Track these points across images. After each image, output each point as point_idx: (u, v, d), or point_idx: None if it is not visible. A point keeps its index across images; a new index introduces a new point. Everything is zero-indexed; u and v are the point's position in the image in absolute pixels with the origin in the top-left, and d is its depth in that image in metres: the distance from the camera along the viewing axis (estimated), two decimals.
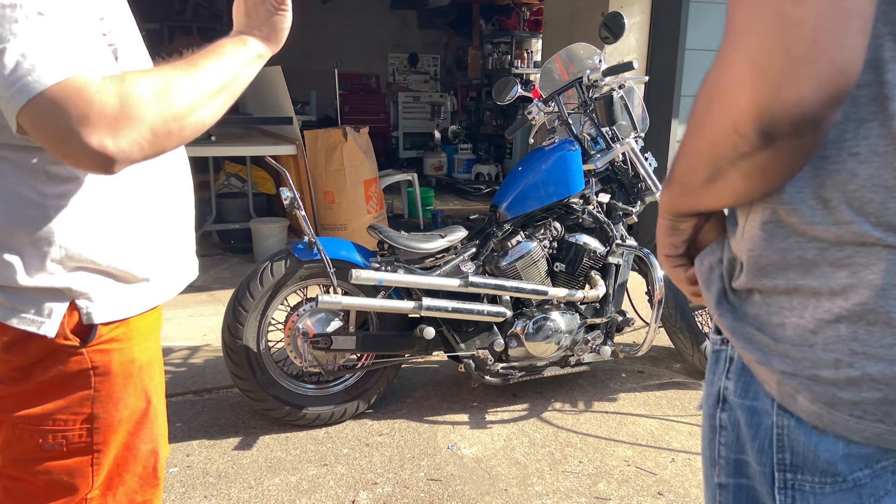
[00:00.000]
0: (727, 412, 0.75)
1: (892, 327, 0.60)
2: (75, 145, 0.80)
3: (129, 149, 0.83)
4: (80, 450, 1.06)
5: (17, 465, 1.07)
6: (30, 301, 0.96)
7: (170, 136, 0.87)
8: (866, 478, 0.66)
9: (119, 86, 0.83)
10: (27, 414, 1.03)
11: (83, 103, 0.80)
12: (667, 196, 0.75)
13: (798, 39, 0.51)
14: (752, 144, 0.57)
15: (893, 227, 0.59)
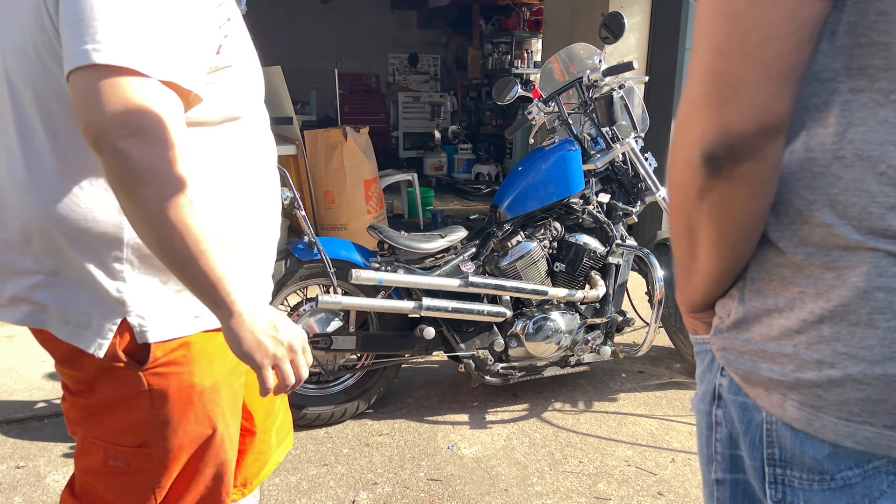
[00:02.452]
0: (722, 409, 0.76)
1: (874, 328, 0.61)
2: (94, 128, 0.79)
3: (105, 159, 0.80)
4: (143, 471, 1.01)
5: (87, 474, 1.04)
6: (82, 314, 0.92)
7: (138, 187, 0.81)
8: (857, 478, 0.67)
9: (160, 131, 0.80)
10: (93, 429, 1.00)
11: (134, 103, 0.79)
12: (679, 291, 0.81)
13: (722, 86, 0.60)
14: (703, 175, 0.64)
15: (875, 231, 0.60)
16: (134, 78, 0.79)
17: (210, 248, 0.84)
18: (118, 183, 0.81)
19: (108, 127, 0.78)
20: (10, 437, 2.42)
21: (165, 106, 0.81)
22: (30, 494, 2.08)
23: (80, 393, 0.99)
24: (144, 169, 0.79)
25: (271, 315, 0.92)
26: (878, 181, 0.60)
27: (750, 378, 0.70)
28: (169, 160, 0.81)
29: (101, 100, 0.78)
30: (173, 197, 0.82)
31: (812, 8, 0.58)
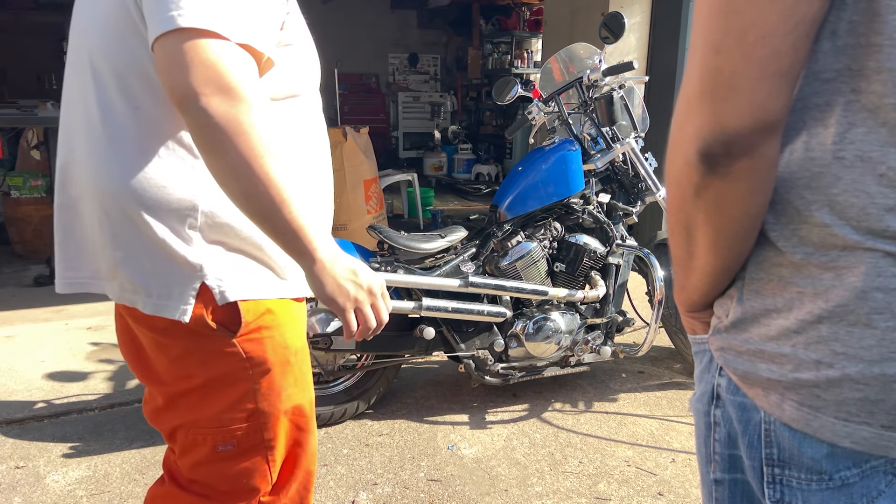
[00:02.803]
0: (721, 409, 0.76)
1: (872, 328, 0.61)
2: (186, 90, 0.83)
3: (192, 118, 0.85)
4: (253, 448, 1.03)
5: (198, 469, 1.05)
6: (163, 285, 0.95)
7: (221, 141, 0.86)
8: (854, 477, 0.67)
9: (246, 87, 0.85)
10: (196, 418, 1.02)
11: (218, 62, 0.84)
12: (677, 290, 0.81)
13: (718, 83, 0.60)
14: (700, 173, 0.64)
15: (873, 232, 0.60)
16: (215, 40, 0.84)
17: (292, 198, 0.89)
18: (205, 140, 0.85)
19: (194, 86, 0.83)
20: (9, 437, 2.42)
21: (245, 66, 0.87)
22: (29, 495, 2.08)
23: (176, 378, 1.00)
24: (230, 124, 0.84)
25: (350, 261, 0.97)
26: (877, 182, 0.60)
27: (748, 378, 0.70)
28: (251, 115, 0.85)
29: (187, 61, 0.83)
30: (257, 149, 0.86)
31: (810, 6, 0.58)
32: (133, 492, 2.10)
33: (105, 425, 2.51)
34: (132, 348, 1.08)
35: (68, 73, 1.02)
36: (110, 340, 3.31)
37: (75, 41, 1.00)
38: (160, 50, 0.84)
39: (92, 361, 3.07)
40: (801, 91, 0.64)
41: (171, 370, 1.00)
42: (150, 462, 2.27)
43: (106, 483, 2.14)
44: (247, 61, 0.87)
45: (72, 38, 1.02)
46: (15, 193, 4.48)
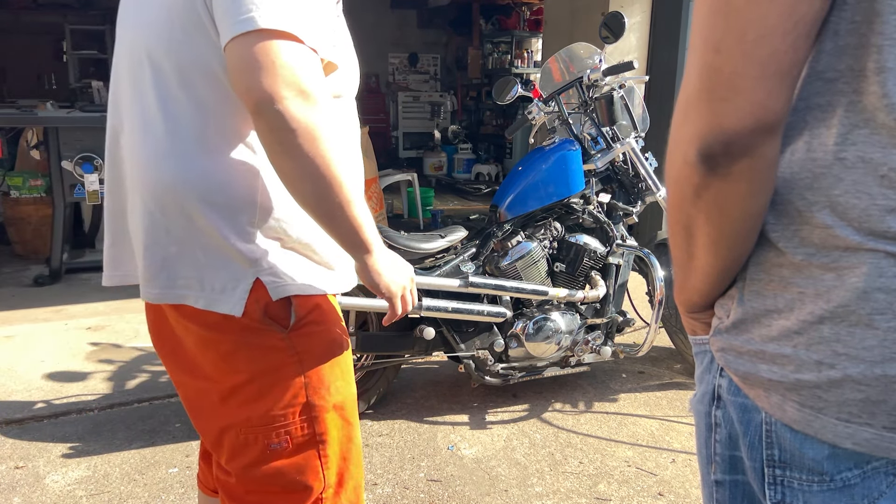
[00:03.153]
0: (721, 409, 0.76)
1: (873, 329, 0.61)
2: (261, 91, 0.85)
3: (268, 120, 0.86)
4: (305, 444, 1.03)
5: (248, 473, 1.04)
6: (216, 279, 0.96)
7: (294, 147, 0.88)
8: (856, 478, 0.67)
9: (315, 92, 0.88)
10: (247, 416, 1.01)
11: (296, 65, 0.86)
12: (677, 291, 0.81)
13: (718, 83, 0.60)
14: (700, 173, 0.63)
15: (875, 233, 0.60)
16: (293, 42, 0.86)
17: (354, 198, 0.94)
18: (280, 142, 0.87)
19: (273, 88, 0.84)
20: (9, 437, 2.41)
21: (317, 69, 0.89)
22: (29, 495, 2.08)
23: (223, 373, 1.01)
24: (307, 127, 0.86)
25: (392, 253, 1.06)
26: (878, 183, 0.60)
27: (749, 379, 0.70)
28: (324, 118, 0.88)
29: (266, 62, 0.84)
30: (329, 153, 0.89)
31: (810, 6, 0.58)
32: (133, 492, 2.10)
33: (105, 425, 2.51)
34: (173, 348, 1.08)
35: (120, 71, 1.03)
36: (110, 340, 3.31)
37: (130, 38, 1.00)
38: (236, 50, 0.85)
39: (91, 361, 3.06)
40: (803, 91, 0.64)
41: (220, 366, 1.01)
42: (150, 462, 2.26)
43: (106, 483, 2.14)
44: (318, 64, 0.90)
45: (124, 36, 1.02)
46: (14, 193, 4.48)
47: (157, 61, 0.94)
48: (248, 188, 0.96)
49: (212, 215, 0.94)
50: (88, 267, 4.51)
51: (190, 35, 0.91)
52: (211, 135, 0.95)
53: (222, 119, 0.95)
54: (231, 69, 0.87)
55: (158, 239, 0.97)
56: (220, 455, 1.07)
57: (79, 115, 4.13)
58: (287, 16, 0.86)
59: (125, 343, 3.28)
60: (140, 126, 0.97)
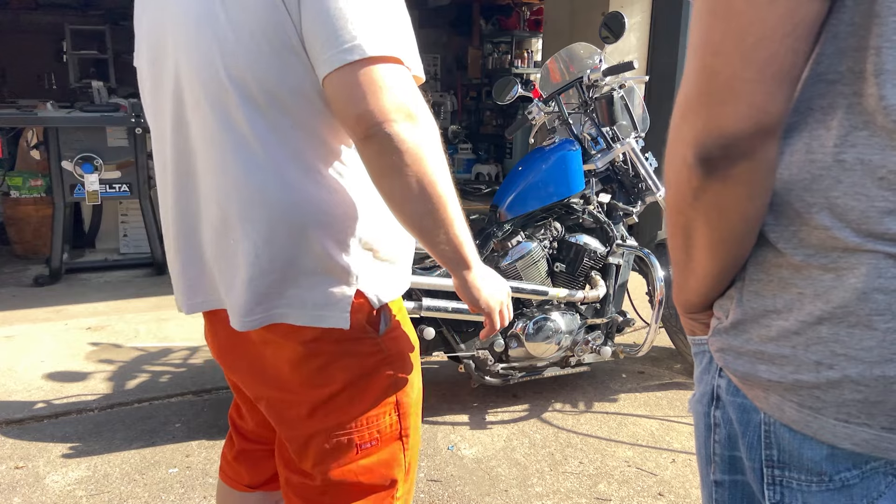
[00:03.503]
0: (721, 410, 0.76)
1: (872, 329, 0.61)
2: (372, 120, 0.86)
3: (380, 144, 0.87)
4: (393, 437, 1.08)
5: (336, 474, 1.06)
6: (322, 294, 0.98)
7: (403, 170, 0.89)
8: (855, 479, 0.67)
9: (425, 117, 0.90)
10: (340, 421, 1.04)
11: (401, 89, 0.87)
12: (676, 291, 0.81)
13: (717, 86, 0.60)
14: (698, 175, 0.63)
15: (873, 234, 0.60)
16: (400, 66, 0.88)
17: (457, 215, 0.96)
18: (390, 164, 0.88)
19: (385, 112, 0.85)
20: (9, 437, 2.41)
21: (417, 89, 0.91)
22: (29, 495, 2.08)
23: (320, 388, 1.03)
24: (416, 149, 0.88)
25: (489, 269, 1.09)
26: (877, 185, 0.60)
27: (748, 379, 0.70)
28: (431, 139, 0.90)
29: (375, 89, 0.85)
30: (435, 171, 0.91)
31: (809, 8, 0.57)
32: (133, 492, 2.10)
33: (105, 425, 2.51)
34: (253, 364, 1.08)
35: (177, 94, 0.99)
36: (110, 340, 3.31)
37: (188, 60, 0.96)
38: (342, 78, 0.86)
39: (91, 362, 3.06)
40: (804, 92, 0.64)
41: (315, 379, 1.03)
42: (150, 462, 2.26)
43: (106, 483, 2.14)
44: (414, 83, 0.91)
45: (176, 57, 0.97)
46: (14, 193, 4.48)
47: (245, 85, 0.92)
48: (348, 206, 0.98)
49: (319, 236, 0.96)
50: (88, 267, 4.52)
51: (283, 58, 0.90)
52: (310, 157, 0.95)
53: (319, 139, 0.95)
54: (336, 97, 0.88)
55: (263, 270, 0.97)
56: (305, 460, 1.08)
57: (79, 115, 4.13)
58: (388, 39, 0.87)
59: (125, 343, 3.28)
60: (231, 156, 0.95)
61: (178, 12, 0.96)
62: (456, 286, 1.07)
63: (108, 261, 4.62)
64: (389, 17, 0.90)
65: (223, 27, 0.91)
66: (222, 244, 1.00)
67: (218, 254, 1.01)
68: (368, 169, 0.92)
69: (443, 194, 0.92)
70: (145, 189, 4.28)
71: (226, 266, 1.00)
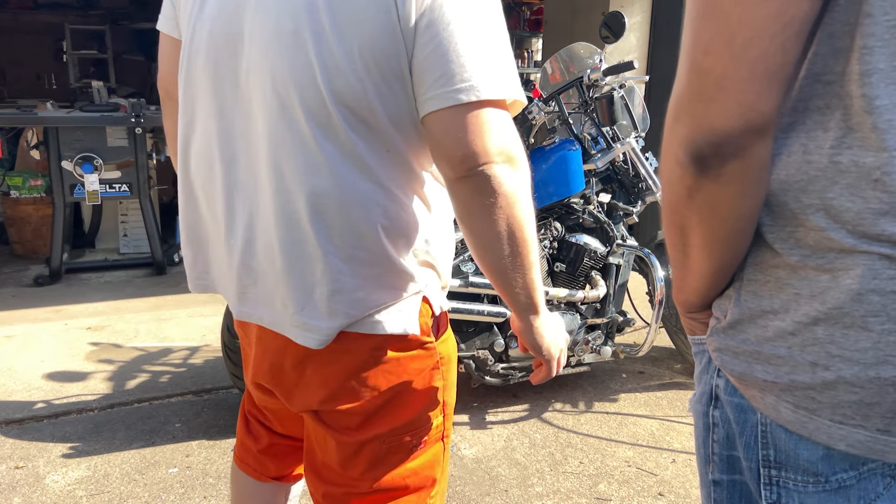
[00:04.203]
0: (719, 410, 0.77)
1: (867, 331, 0.61)
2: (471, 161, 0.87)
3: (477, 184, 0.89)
4: (436, 439, 1.11)
5: (384, 477, 1.07)
6: (392, 301, 0.99)
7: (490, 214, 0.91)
8: (852, 480, 0.67)
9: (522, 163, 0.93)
10: (395, 425, 1.05)
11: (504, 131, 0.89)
12: (676, 291, 0.81)
13: (707, 85, 0.60)
14: (691, 174, 0.64)
15: (868, 236, 0.60)
16: (501, 110, 0.89)
17: (537, 261, 0.98)
18: (483, 205, 0.90)
19: (489, 155, 0.87)
20: (9, 437, 2.41)
21: (517, 135, 0.92)
22: (29, 495, 2.08)
23: (378, 395, 1.03)
24: (513, 193, 0.90)
25: (554, 317, 1.10)
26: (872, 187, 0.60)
27: (745, 379, 0.70)
28: (525, 185, 0.93)
29: (485, 131, 0.86)
30: (527, 217, 0.94)
31: (798, 7, 0.58)
32: (133, 492, 2.10)
33: (105, 425, 2.51)
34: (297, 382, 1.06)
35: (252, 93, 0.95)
36: (110, 340, 3.31)
37: (295, 69, 0.90)
38: (450, 116, 0.86)
39: (91, 361, 3.06)
40: (802, 92, 0.64)
41: (375, 385, 1.02)
42: (150, 462, 2.26)
43: (106, 483, 2.14)
44: (515, 128, 0.92)
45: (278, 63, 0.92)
46: (14, 193, 4.48)
47: (346, 104, 0.90)
48: (424, 227, 1.01)
49: (398, 251, 0.97)
50: (88, 267, 4.52)
51: (392, 86, 0.90)
52: (396, 179, 0.96)
53: (407, 165, 0.96)
54: (441, 133, 0.88)
55: (347, 286, 0.96)
56: (353, 468, 1.07)
57: (79, 115, 4.13)
58: (501, 81, 0.88)
59: (125, 343, 3.28)
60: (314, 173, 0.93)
61: (268, 7, 0.91)
62: (519, 329, 1.07)
63: (108, 261, 4.61)
64: (502, 54, 0.89)
65: (330, 42, 0.88)
66: (294, 259, 0.96)
67: (286, 269, 0.97)
68: (459, 206, 0.94)
69: (528, 239, 0.94)
70: (145, 189, 4.28)
71: (295, 283, 0.97)
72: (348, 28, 0.87)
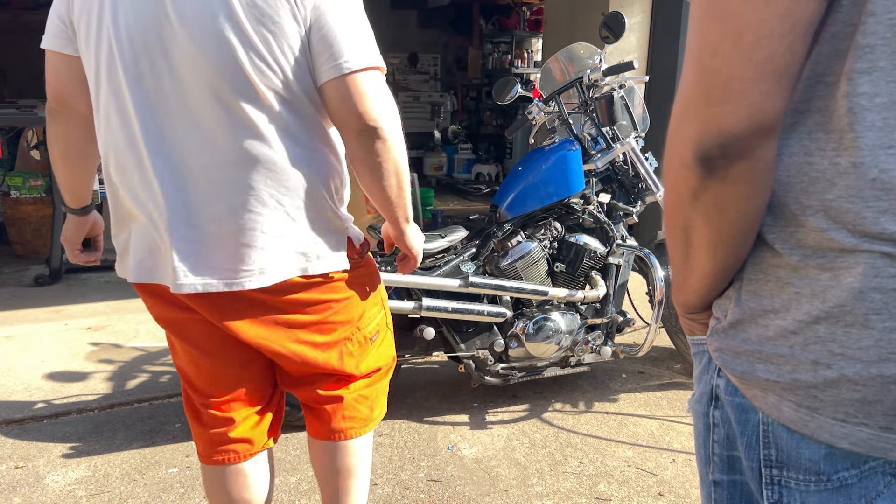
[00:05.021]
0: (719, 410, 0.77)
1: (869, 329, 0.61)
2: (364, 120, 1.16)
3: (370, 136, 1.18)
4: (387, 327, 1.52)
5: (365, 368, 1.45)
6: (332, 246, 1.30)
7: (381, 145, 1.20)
8: (853, 478, 0.67)
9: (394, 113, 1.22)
10: (357, 326, 1.41)
11: (383, 96, 1.19)
12: (675, 292, 0.81)
13: (715, 86, 0.60)
14: (697, 175, 0.64)
15: (869, 235, 0.60)
16: (380, 73, 1.19)
17: (409, 187, 1.32)
18: (375, 151, 1.20)
19: (377, 112, 1.17)
20: (9, 437, 2.42)
21: (388, 91, 1.21)
22: (29, 495, 2.08)
23: (335, 313, 1.36)
24: (394, 138, 1.21)
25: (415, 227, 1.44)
26: (870, 186, 0.60)
27: (746, 379, 0.70)
28: (400, 132, 1.23)
29: (369, 93, 1.16)
30: (403, 156, 1.25)
31: (806, 8, 0.58)
32: (133, 492, 2.10)
33: (105, 425, 2.51)
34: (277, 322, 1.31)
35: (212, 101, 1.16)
36: (110, 340, 3.31)
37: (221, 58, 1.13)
38: (344, 83, 1.15)
39: (91, 361, 3.06)
40: (803, 93, 0.64)
41: (332, 303, 1.34)
42: (150, 462, 2.26)
43: (106, 483, 2.14)
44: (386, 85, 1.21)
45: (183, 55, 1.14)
46: (14, 193, 4.48)
47: (270, 85, 1.16)
48: (343, 183, 1.32)
49: (329, 200, 1.27)
50: (88, 267, 4.52)
51: (300, 65, 1.17)
52: (322, 146, 1.26)
53: (324, 133, 1.26)
54: (339, 98, 1.16)
55: (297, 233, 1.24)
56: (345, 365, 1.41)
57: None
58: (374, 52, 1.18)
59: (125, 343, 3.28)
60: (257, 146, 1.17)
61: (188, 14, 1.12)
62: (395, 236, 1.41)
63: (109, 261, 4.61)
64: (369, 34, 1.19)
65: (252, 39, 1.12)
66: (245, 220, 1.19)
67: (235, 229, 1.19)
68: (357, 152, 1.21)
69: (405, 174, 1.27)
70: None
71: (248, 241, 1.20)
72: (265, 26, 1.12)
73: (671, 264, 0.78)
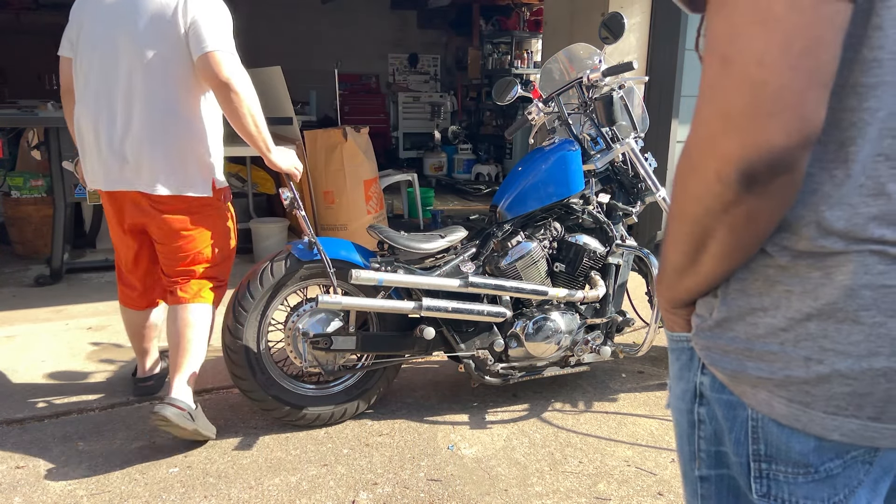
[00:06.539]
0: (705, 406, 0.77)
1: (859, 324, 0.62)
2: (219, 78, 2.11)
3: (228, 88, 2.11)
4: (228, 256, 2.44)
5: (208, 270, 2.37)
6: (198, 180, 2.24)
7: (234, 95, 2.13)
8: (838, 468, 0.68)
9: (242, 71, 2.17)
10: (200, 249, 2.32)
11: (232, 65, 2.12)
12: (664, 287, 0.79)
13: (764, 97, 0.56)
14: (735, 191, 0.61)
15: (858, 239, 0.62)
16: (233, 54, 2.11)
17: (264, 123, 2.20)
18: (233, 100, 2.10)
19: (231, 74, 2.08)
20: (9, 437, 2.42)
21: (239, 64, 2.12)
22: (29, 495, 2.08)
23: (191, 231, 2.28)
24: (244, 91, 2.11)
25: (283, 150, 2.31)
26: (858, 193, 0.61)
27: (736, 377, 0.71)
28: (250, 86, 2.14)
29: (226, 63, 2.09)
30: (254, 105, 2.15)
31: (845, 14, 0.56)
32: (133, 492, 2.10)
33: (105, 425, 2.51)
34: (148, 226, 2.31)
35: (129, 68, 2.16)
36: (110, 340, 3.31)
37: (125, 40, 2.16)
38: (208, 57, 2.08)
39: (92, 361, 3.07)
40: None
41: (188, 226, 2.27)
42: (151, 462, 2.27)
43: (106, 483, 2.15)
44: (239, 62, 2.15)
45: (117, 38, 2.18)
46: (15, 193, 4.48)
47: (170, 67, 2.15)
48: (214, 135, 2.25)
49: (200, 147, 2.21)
50: (89, 267, 4.52)
51: (184, 52, 2.13)
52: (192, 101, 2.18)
53: (198, 98, 2.20)
54: (205, 66, 2.09)
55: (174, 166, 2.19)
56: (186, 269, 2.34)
57: None
58: (230, 42, 2.12)
59: (126, 343, 3.28)
60: (144, 106, 2.16)
61: (131, 26, 2.15)
62: (267, 163, 2.24)
63: (109, 261, 4.61)
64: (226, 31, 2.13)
65: (156, 39, 2.13)
66: (153, 152, 2.17)
67: (140, 159, 2.17)
68: (223, 101, 2.11)
69: (258, 114, 2.16)
70: None
71: (152, 166, 2.18)
72: (160, 31, 2.11)
73: (667, 264, 0.77)
